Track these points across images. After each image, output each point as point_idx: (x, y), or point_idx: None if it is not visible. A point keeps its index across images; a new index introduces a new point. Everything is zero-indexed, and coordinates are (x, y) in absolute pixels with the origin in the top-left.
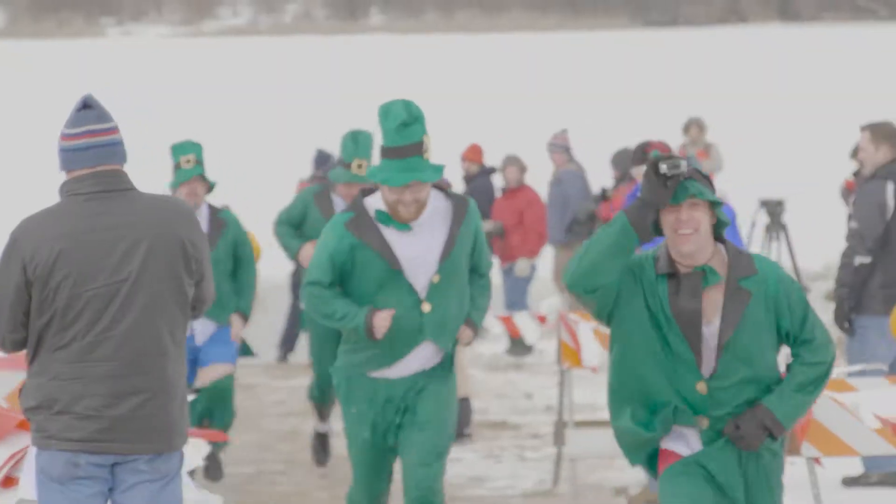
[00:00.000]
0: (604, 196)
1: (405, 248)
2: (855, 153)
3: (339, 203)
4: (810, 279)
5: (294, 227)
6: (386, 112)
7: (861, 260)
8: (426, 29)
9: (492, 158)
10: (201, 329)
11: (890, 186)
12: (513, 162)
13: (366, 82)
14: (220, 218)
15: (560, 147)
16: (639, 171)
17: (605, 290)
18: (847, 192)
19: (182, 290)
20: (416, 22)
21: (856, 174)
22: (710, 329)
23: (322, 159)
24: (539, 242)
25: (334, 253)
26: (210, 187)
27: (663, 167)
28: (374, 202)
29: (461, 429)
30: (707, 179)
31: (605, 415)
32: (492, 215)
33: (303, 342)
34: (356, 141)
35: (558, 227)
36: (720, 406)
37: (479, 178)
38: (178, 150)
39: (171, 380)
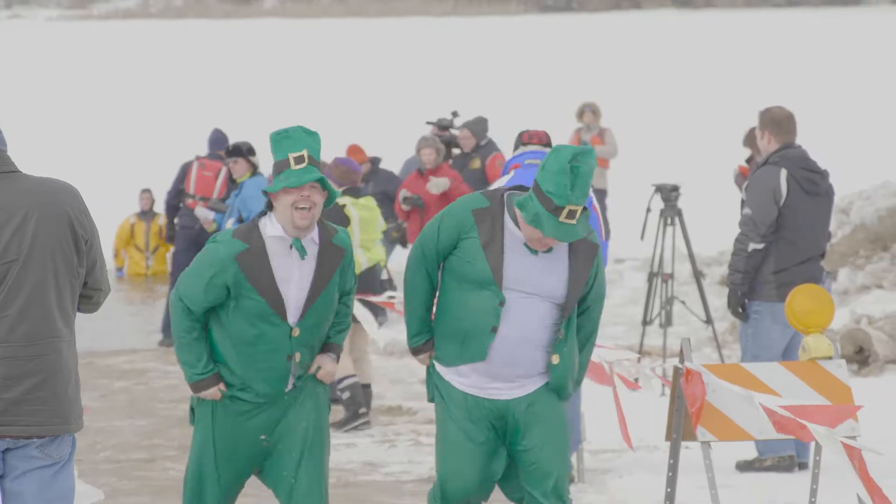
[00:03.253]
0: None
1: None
2: (746, 140)
3: None
4: (705, 264)
5: None
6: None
7: (754, 246)
8: (319, 14)
9: (389, 142)
10: None
11: (782, 173)
12: (428, 143)
13: (258, 67)
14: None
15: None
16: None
17: None
18: (741, 177)
19: (72, 269)
20: (310, 7)
21: (749, 160)
22: None
23: (218, 140)
24: None
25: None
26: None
27: None
28: None
29: (356, 412)
30: None
31: None
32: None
33: None
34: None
35: None
36: None
37: (374, 173)
38: (286, 141)
39: (66, 361)
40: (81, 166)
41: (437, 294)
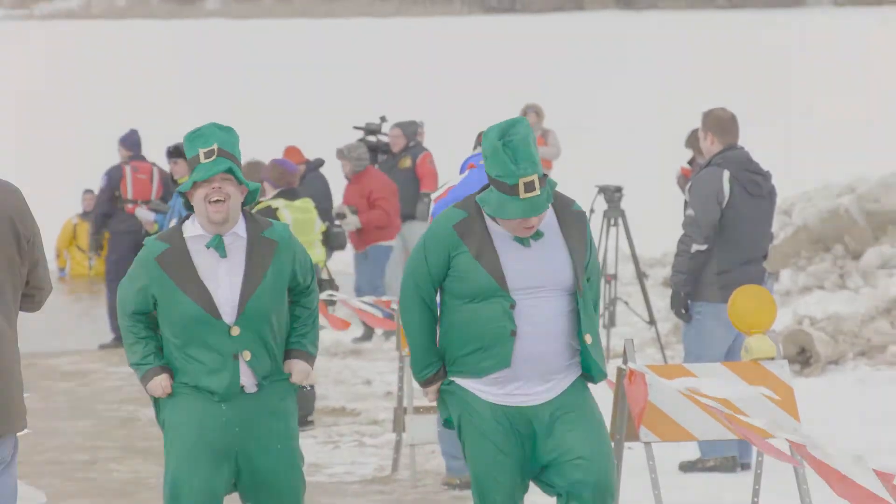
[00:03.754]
0: None
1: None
2: (689, 141)
3: None
4: (648, 265)
5: None
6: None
7: (697, 247)
8: (263, 14)
9: (333, 143)
10: None
11: (725, 174)
12: (341, 155)
13: (201, 68)
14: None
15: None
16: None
17: None
18: (683, 179)
19: (14, 269)
20: (254, 7)
21: (691, 161)
22: None
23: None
24: (391, 223)
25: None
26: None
27: None
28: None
29: (304, 417)
30: None
31: None
32: (343, 201)
33: None
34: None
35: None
36: None
37: (308, 174)
38: (198, 139)
39: (8, 361)
40: (24, 166)
41: (440, 318)
